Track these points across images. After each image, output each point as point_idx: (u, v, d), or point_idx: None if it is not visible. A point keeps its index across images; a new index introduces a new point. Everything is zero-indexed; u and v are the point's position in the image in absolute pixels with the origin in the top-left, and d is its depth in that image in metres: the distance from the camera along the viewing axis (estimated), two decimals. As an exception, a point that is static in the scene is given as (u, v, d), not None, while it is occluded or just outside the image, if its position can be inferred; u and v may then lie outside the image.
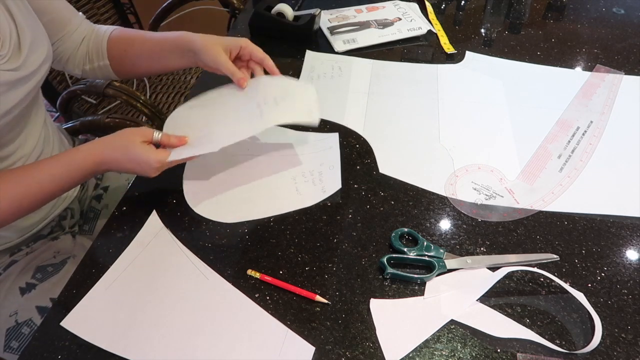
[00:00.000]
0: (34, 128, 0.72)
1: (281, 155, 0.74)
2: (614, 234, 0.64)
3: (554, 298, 0.57)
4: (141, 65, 0.78)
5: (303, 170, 0.72)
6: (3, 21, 0.63)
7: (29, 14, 0.67)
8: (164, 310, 0.55)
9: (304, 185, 0.69)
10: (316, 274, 0.59)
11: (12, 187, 0.59)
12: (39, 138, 0.73)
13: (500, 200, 0.68)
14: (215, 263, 0.60)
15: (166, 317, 0.54)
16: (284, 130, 0.79)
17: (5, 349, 0.69)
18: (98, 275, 0.58)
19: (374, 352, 0.52)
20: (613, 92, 0.87)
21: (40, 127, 0.74)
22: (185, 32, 0.72)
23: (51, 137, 0.78)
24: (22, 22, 0.65)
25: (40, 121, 0.74)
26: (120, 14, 1.40)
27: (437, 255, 0.60)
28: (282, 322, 0.54)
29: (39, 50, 0.67)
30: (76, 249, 0.80)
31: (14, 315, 0.70)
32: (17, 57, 0.64)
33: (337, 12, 1.07)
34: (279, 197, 0.68)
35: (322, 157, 0.74)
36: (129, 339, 0.52)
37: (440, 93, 0.87)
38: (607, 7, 1.13)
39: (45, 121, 0.76)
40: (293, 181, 0.70)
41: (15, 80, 0.63)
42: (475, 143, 0.77)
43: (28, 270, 0.73)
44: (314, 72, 0.92)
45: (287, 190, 0.69)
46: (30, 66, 0.65)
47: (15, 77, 0.63)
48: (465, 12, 1.12)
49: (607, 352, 0.52)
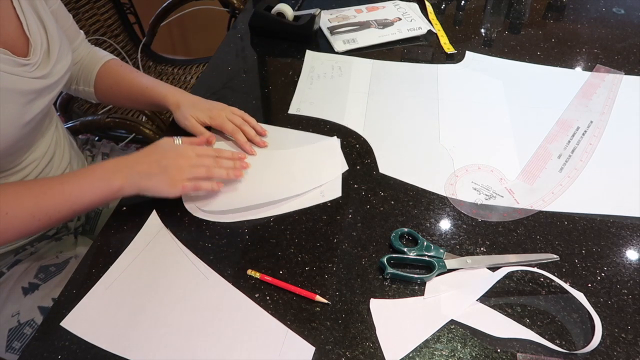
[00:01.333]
0: (47, 132, 0.73)
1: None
2: (614, 234, 0.64)
3: (554, 298, 0.57)
4: (123, 103, 0.89)
5: (303, 172, 0.72)
6: (34, 28, 0.64)
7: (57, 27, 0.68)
8: (164, 310, 0.55)
9: (302, 186, 0.69)
10: (316, 274, 0.59)
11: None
12: (50, 141, 0.74)
13: (500, 200, 0.68)
14: (215, 263, 0.60)
15: (166, 317, 0.54)
16: (286, 130, 0.79)
17: (7, 350, 0.69)
18: (98, 275, 0.58)
19: (374, 352, 0.52)
20: (613, 92, 0.87)
21: (53, 130, 0.74)
22: (168, 89, 0.77)
23: (62, 139, 0.78)
24: (51, 30, 0.66)
25: (52, 125, 0.75)
26: (120, 14, 1.40)
27: (437, 255, 0.60)
28: (282, 322, 0.54)
29: (64, 59, 0.68)
30: (78, 248, 0.80)
31: (16, 316, 0.70)
32: (46, 64, 0.65)
33: (337, 12, 1.07)
34: (278, 197, 0.68)
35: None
36: (129, 339, 0.52)
37: (440, 93, 0.87)
38: (607, 7, 1.13)
39: (57, 125, 0.77)
40: (293, 182, 0.70)
41: (43, 88, 0.63)
42: (475, 143, 0.77)
43: (31, 270, 0.73)
44: (314, 72, 0.92)
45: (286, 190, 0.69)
46: (56, 74, 0.66)
47: (43, 85, 0.63)
48: (465, 12, 1.12)
49: (607, 352, 0.52)
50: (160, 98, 0.76)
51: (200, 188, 0.63)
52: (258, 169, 0.71)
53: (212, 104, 0.77)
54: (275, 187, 0.68)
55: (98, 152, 0.94)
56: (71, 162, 0.80)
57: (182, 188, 0.62)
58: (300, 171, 0.71)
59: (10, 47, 0.61)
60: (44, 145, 0.72)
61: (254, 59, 0.96)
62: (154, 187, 0.62)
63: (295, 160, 0.73)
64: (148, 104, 0.79)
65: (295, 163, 0.72)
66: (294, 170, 0.71)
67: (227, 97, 0.85)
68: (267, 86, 0.89)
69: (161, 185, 0.62)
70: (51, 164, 0.74)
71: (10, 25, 0.62)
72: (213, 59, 0.95)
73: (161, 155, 0.64)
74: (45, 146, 0.72)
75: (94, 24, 1.31)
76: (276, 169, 0.71)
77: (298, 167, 0.72)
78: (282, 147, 0.76)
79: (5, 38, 0.61)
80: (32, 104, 0.63)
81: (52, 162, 0.74)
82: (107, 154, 0.94)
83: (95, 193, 0.60)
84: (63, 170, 0.77)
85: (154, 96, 0.76)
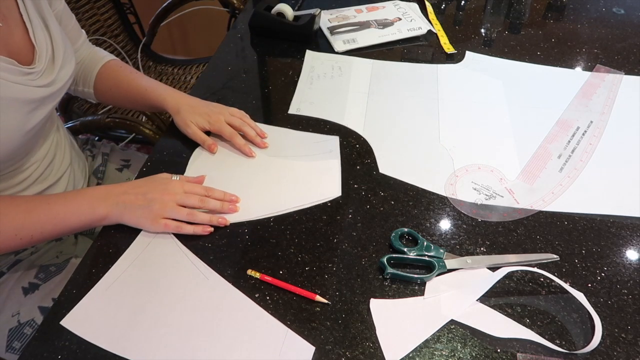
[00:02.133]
0: (48, 135, 0.73)
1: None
2: (614, 234, 0.64)
3: (554, 298, 0.57)
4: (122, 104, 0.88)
5: (302, 172, 0.72)
6: (40, 35, 0.63)
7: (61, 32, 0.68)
8: (164, 310, 0.55)
9: (303, 186, 0.69)
10: (316, 274, 0.59)
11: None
12: (51, 143, 0.74)
13: (500, 200, 0.68)
14: (215, 263, 0.60)
15: (166, 317, 0.54)
16: (286, 130, 0.79)
17: (8, 349, 0.69)
18: (98, 275, 0.58)
19: (374, 352, 0.52)
20: (613, 92, 0.87)
21: (53, 133, 0.74)
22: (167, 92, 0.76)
23: (63, 140, 0.78)
24: (56, 36, 0.65)
25: (53, 127, 0.75)
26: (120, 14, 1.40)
27: (437, 255, 0.60)
28: (282, 322, 0.54)
29: (68, 64, 0.68)
30: (78, 248, 0.80)
31: (17, 316, 0.70)
32: (50, 72, 0.64)
33: (337, 12, 1.07)
34: (277, 197, 0.68)
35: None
36: (129, 339, 0.52)
37: (440, 93, 0.87)
38: (607, 7, 1.13)
39: (57, 127, 0.76)
40: (293, 182, 0.70)
41: (46, 96, 0.63)
42: (475, 143, 0.77)
43: (31, 270, 0.73)
44: (314, 72, 0.92)
45: (286, 190, 0.69)
46: (59, 82, 0.66)
47: (47, 94, 0.63)
48: (465, 12, 1.12)
49: (607, 352, 0.52)
50: (159, 101, 0.76)
51: (182, 231, 0.61)
52: (255, 179, 0.70)
53: (210, 107, 0.76)
54: (271, 201, 0.67)
55: (98, 152, 0.94)
56: (72, 163, 0.80)
57: (164, 227, 0.61)
58: (298, 186, 0.69)
59: (16, 55, 0.61)
60: (45, 147, 0.72)
61: (254, 59, 0.96)
62: (136, 220, 0.61)
63: (294, 173, 0.71)
64: (147, 105, 0.79)
65: (294, 176, 0.71)
66: (292, 184, 0.70)
67: (227, 97, 0.85)
68: (267, 86, 0.89)
69: (143, 219, 0.61)
70: (52, 165, 0.74)
71: (17, 33, 0.62)
72: (213, 59, 0.95)
73: (149, 189, 0.62)
74: (46, 148, 0.72)
75: (94, 24, 1.31)
76: (274, 181, 0.70)
77: (297, 181, 0.70)
78: (282, 148, 0.76)
79: (11, 47, 0.61)
80: (35, 112, 0.62)
81: (52, 164, 0.74)
82: (107, 154, 0.94)
83: (79, 218, 0.60)
84: (64, 172, 0.77)
85: (153, 98, 0.76)
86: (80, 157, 0.86)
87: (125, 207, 0.61)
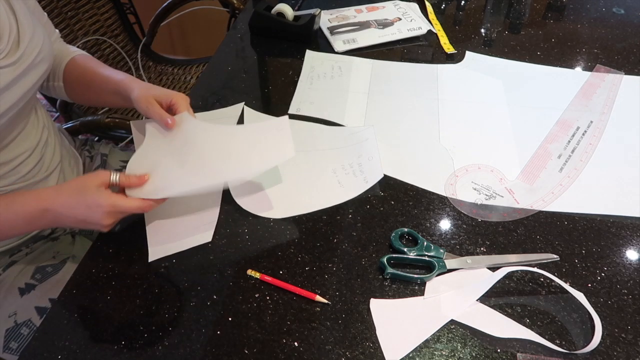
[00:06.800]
0: (32, 131, 0.72)
1: (319, 150, 0.74)
2: (614, 234, 0.64)
3: (554, 298, 0.57)
4: (90, 97, 0.81)
5: (342, 163, 0.72)
6: (3, 16, 0.63)
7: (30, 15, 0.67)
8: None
9: (345, 177, 0.70)
10: (316, 274, 0.59)
11: None
12: (38, 142, 0.73)
13: (500, 200, 0.68)
14: (215, 263, 0.60)
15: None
16: (319, 126, 0.79)
17: (5, 350, 0.69)
18: (98, 275, 0.58)
19: (374, 352, 0.52)
20: (613, 92, 0.87)
21: (40, 131, 0.74)
22: (129, 77, 0.73)
23: (52, 141, 0.77)
24: (22, 19, 0.65)
25: (39, 125, 0.74)
26: (120, 14, 1.40)
27: (437, 255, 0.60)
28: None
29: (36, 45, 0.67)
30: (76, 249, 0.79)
31: (13, 316, 0.70)
32: (15, 51, 0.63)
33: (337, 12, 1.07)
34: (321, 191, 0.68)
35: (359, 149, 0.74)
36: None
37: (440, 93, 0.87)
38: (607, 7, 1.13)
39: (45, 125, 0.76)
40: (334, 174, 0.70)
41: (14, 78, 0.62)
42: (475, 143, 0.77)
43: (27, 270, 0.73)
44: (314, 72, 0.92)
45: (329, 183, 0.69)
46: (26, 59, 0.64)
47: (13, 75, 0.62)
48: (465, 12, 1.12)
49: (607, 352, 0.52)
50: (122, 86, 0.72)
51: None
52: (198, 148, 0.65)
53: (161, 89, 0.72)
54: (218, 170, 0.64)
55: (97, 153, 0.94)
56: (62, 161, 0.79)
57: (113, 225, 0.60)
58: (245, 152, 0.65)
59: None
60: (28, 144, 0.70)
61: (254, 59, 0.96)
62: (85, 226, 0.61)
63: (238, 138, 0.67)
64: (112, 92, 0.75)
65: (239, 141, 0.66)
66: (238, 151, 0.65)
67: (227, 97, 0.85)
68: (267, 86, 0.89)
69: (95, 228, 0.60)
70: (41, 163, 0.73)
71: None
72: (213, 59, 0.95)
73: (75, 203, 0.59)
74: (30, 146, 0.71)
75: (94, 24, 1.31)
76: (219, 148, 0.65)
77: (242, 146, 0.65)
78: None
79: None
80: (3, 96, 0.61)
81: (42, 161, 0.73)
82: (106, 154, 0.94)
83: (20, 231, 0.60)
84: (53, 170, 0.76)
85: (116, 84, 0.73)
86: (72, 154, 0.85)
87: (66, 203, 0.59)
